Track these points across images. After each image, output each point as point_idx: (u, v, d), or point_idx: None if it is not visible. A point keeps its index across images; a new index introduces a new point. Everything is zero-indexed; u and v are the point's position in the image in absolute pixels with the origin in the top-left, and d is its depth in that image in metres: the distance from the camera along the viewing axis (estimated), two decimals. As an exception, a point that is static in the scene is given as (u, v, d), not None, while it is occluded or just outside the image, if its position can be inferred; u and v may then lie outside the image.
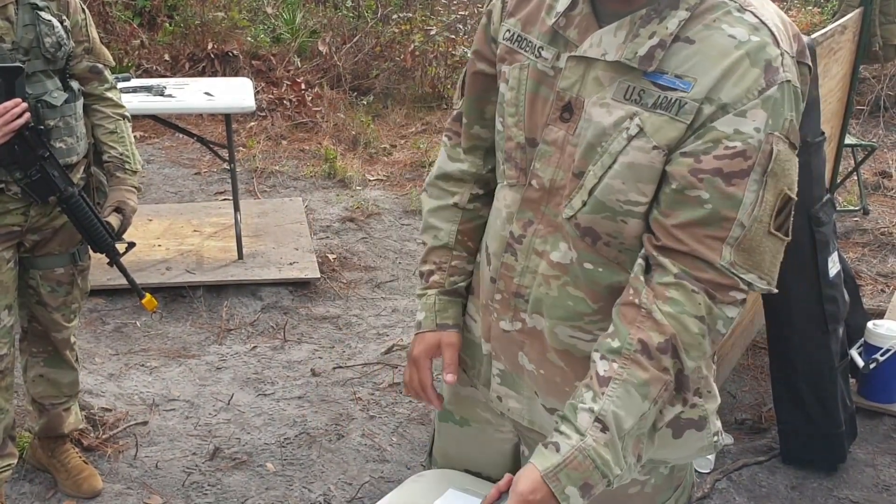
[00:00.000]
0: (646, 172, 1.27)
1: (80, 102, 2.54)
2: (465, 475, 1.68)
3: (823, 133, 2.94)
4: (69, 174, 2.48)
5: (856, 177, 5.37)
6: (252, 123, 6.49)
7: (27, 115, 2.32)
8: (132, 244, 2.70)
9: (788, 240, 1.30)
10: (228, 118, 4.38)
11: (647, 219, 1.31)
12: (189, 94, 4.37)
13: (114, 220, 2.58)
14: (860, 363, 3.23)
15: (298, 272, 4.29)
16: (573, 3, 1.35)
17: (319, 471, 3.06)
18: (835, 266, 2.95)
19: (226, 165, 4.78)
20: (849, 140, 4.84)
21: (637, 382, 1.25)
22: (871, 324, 3.30)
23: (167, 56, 7.00)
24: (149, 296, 2.70)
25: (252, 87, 4.61)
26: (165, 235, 4.63)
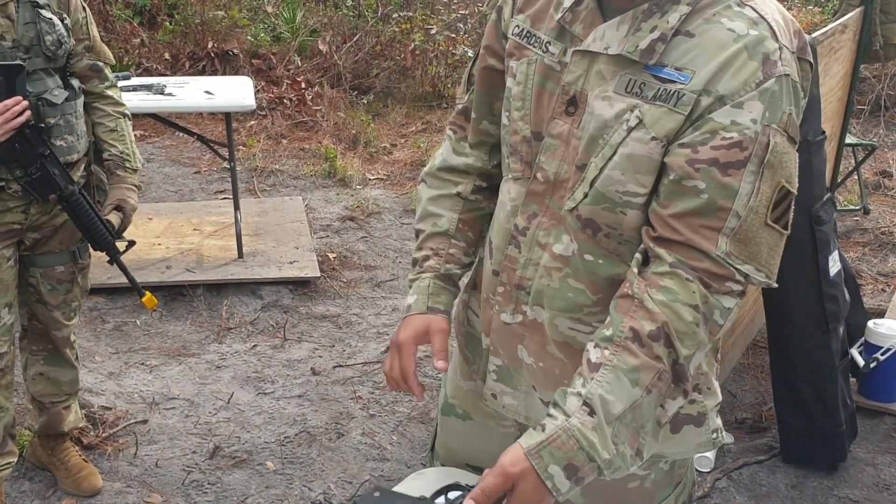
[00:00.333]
0: (644, 163, 1.29)
1: (81, 100, 2.54)
2: (466, 472, 1.68)
3: (824, 132, 2.94)
4: (70, 172, 2.48)
5: (856, 176, 5.37)
6: (252, 122, 6.49)
7: (28, 113, 2.32)
8: (132, 242, 2.70)
9: (787, 233, 1.30)
10: (228, 117, 4.38)
11: (646, 210, 1.32)
12: (189, 93, 4.37)
13: (114, 219, 2.58)
14: (860, 362, 3.23)
15: (298, 271, 4.28)
16: None
17: (319, 469, 3.05)
18: (835, 265, 2.95)
19: (226, 164, 4.78)
20: (849, 139, 4.83)
21: (626, 368, 1.25)
22: (872, 323, 3.30)
23: (167, 55, 7.00)
24: (149, 294, 2.70)
25: (252, 86, 4.61)
26: (165, 234, 4.62)
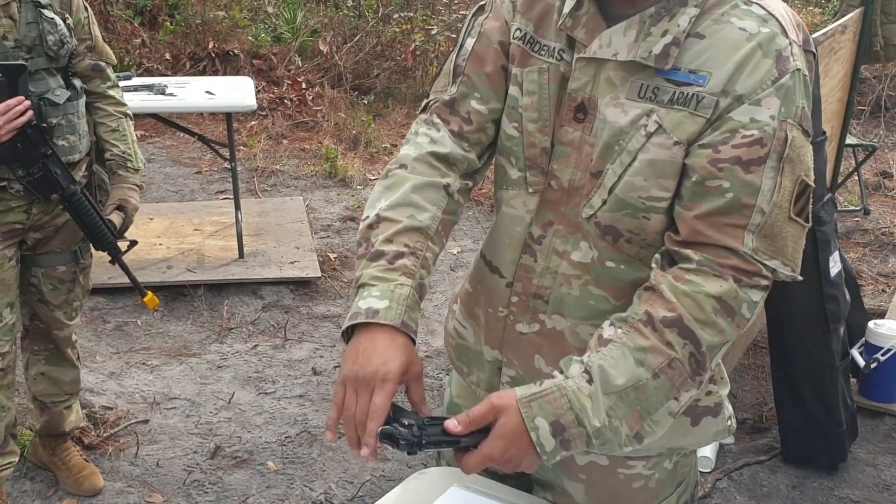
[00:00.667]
0: (667, 168, 1.29)
1: (83, 100, 2.55)
2: (468, 472, 1.68)
3: (824, 132, 2.95)
4: (71, 172, 2.48)
5: (857, 177, 5.37)
6: (253, 122, 6.49)
7: (30, 113, 2.33)
8: (134, 242, 2.70)
9: (809, 226, 1.31)
10: (229, 117, 4.38)
11: (670, 214, 1.32)
12: (190, 93, 4.37)
13: (116, 219, 2.58)
14: (861, 363, 3.24)
15: (299, 271, 4.29)
16: (578, 3, 1.35)
17: (320, 469, 3.06)
18: (836, 265, 2.95)
19: (227, 164, 4.78)
20: (850, 140, 4.83)
21: (633, 346, 1.25)
22: (872, 323, 3.30)
23: (168, 55, 7.00)
24: (150, 294, 2.71)
25: (253, 86, 4.61)
26: (166, 234, 4.63)
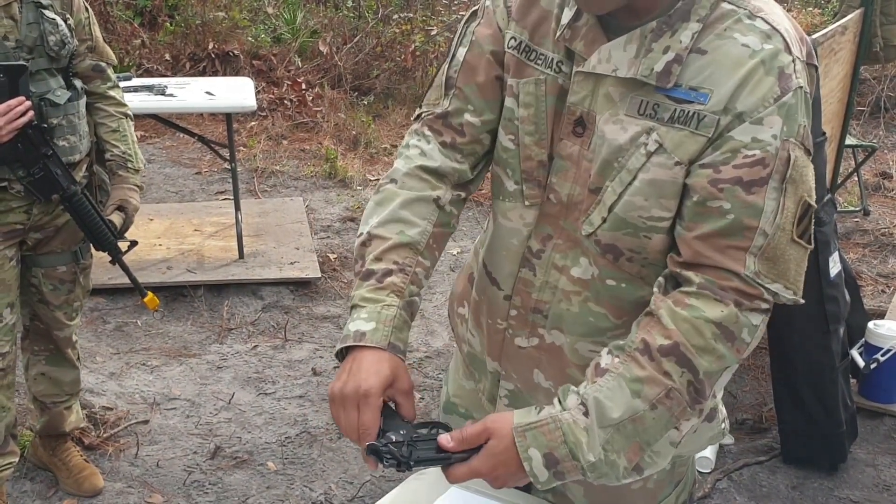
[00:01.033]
0: (668, 188, 1.26)
1: (83, 101, 2.55)
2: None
3: (824, 133, 2.95)
4: (72, 172, 2.48)
5: (856, 177, 5.37)
6: (253, 123, 6.50)
7: (31, 114, 2.33)
8: (134, 243, 2.70)
9: (811, 248, 1.27)
10: (229, 118, 4.38)
11: (671, 233, 1.29)
12: (190, 94, 4.38)
13: (116, 219, 2.58)
14: (861, 363, 3.24)
15: (299, 272, 4.29)
16: (577, 14, 1.31)
17: (320, 470, 3.06)
18: (835, 266, 2.95)
19: (226, 165, 4.78)
20: (849, 141, 4.84)
21: (630, 377, 1.23)
22: (872, 324, 3.30)
23: (168, 56, 7.00)
24: (150, 294, 2.71)
25: (253, 87, 4.61)
26: (166, 235, 4.63)
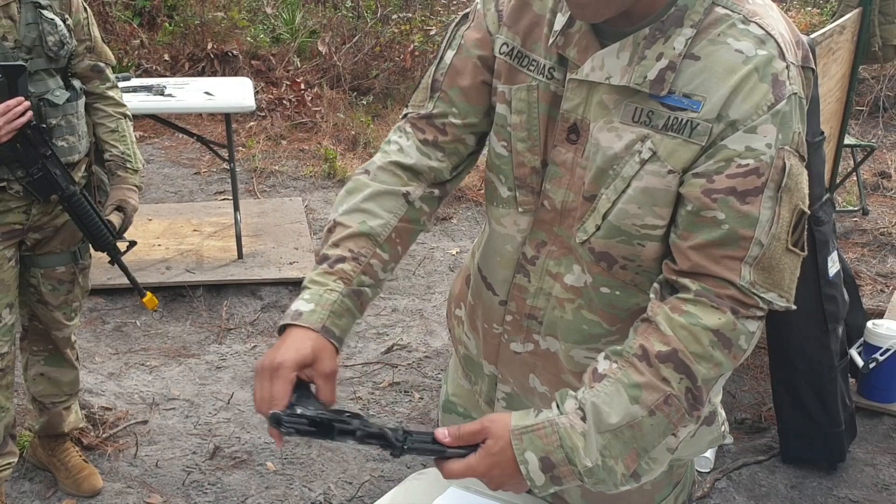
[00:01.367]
0: (661, 196, 1.25)
1: (82, 101, 2.55)
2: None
3: (823, 133, 2.95)
4: (71, 173, 2.48)
5: (855, 177, 5.38)
6: (252, 123, 6.50)
7: (30, 114, 2.33)
8: (133, 243, 2.70)
9: (805, 255, 1.27)
10: (228, 118, 4.38)
11: (665, 241, 1.28)
12: (189, 94, 4.38)
13: (115, 219, 2.58)
14: (860, 363, 3.24)
15: (298, 272, 4.28)
16: (570, 21, 1.29)
17: (319, 470, 3.06)
18: (834, 265, 2.96)
19: (225, 165, 4.78)
20: (848, 140, 4.84)
21: (628, 383, 1.22)
22: (871, 323, 3.30)
23: (167, 56, 7.00)
24: (149, 294, 2.71)
25: (252, 87, 4.61)
26: (165, 235, 4.63)
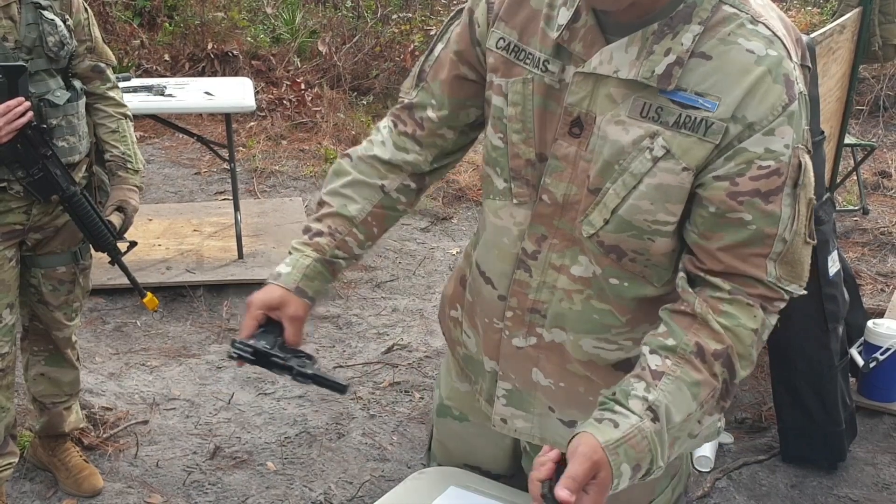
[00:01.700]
0: (675, 193, 1.27)
1: (83, 101, 2.55)
2: (467, 472, 1.68)
3: (823, 132, 2.96)
4: (71, 173, 2.49)
5: (855, 176, 5.38)
6: (252, 123, 6.50)
7: (30, 114, 2.33)
8: (133, 243, 2.70)
9: (815, 243, 1.32)
10: (228, 118, 4.38)
11: (675, 237, 1.32)
12: (189, 94, 4.38)
13: (115, 219, 2.58)
14: (860, 362, 3.24)
15: (299, 272, 4.28)
16: (576, 15, 1.31)
17: (320, 470, 3.06)
18: (834, 265, 2.96)
19: (226, 165, 4.78)
20: (848, 140, 4.84)
21: (690, 381, 1.24)
22: (871, 323, 3.30)
23: (167, 56, 7.01)
24: (150, 294, 2.71)
25: (252, 87, 4.61)
26: (165, 235, 4.63)
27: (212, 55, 7.04)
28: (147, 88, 4.36)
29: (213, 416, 3.32)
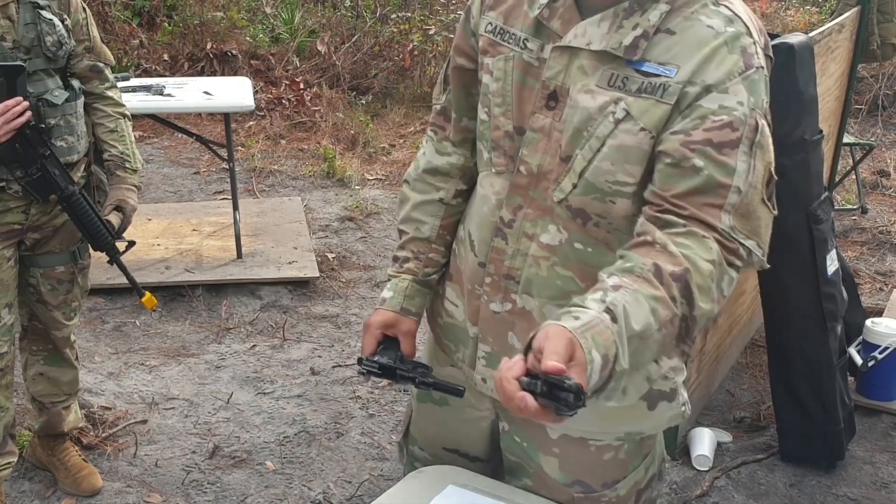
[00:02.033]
0: (633, 154, 1.35)
1: (81, 101, 2.55)
2: (465, 471, 1.69)
3: (821, 131, 2.96)
4: (70, 173, 2.49)
5: (854, 175, 5.38)
6: (251, 123, 6.50)
7: (28, 114, 2.33)
8: (132, 243, 2.70)
9: (776, 214, 1.36)
10: (227, 117, 4.38)
11: (635, 200, 1.38)
12: (188, 94, 4.38)
13: (114, 219, 2.58)
14: (859, 361, 3.24)
15: (297, 271, 4.29)
16: None
17: (319, 469, 3.06)
18: (833, 264, 2.96)
19: (225, 165, 4.78)
20: (847, 139, 4.85)
21: (647, 294, 1.23)
22: (870, 322, 3.31)
23: (166, 56, 7.01)
24: (148, 294, 2.70)
25: (251, 87, 4.61)
26: (164, 235, 4.63)
27: (211, 55, 7.04)
28: (146, 88, 4.36)
29: (212, 416, 3.32)
